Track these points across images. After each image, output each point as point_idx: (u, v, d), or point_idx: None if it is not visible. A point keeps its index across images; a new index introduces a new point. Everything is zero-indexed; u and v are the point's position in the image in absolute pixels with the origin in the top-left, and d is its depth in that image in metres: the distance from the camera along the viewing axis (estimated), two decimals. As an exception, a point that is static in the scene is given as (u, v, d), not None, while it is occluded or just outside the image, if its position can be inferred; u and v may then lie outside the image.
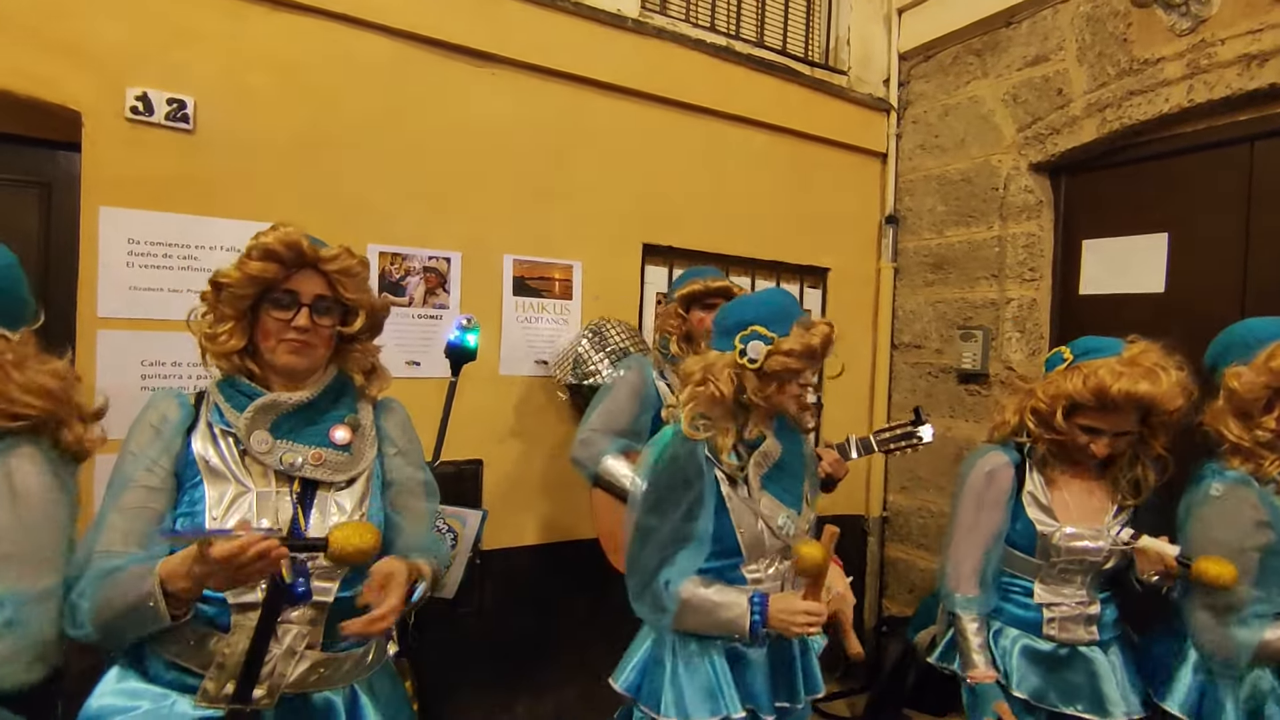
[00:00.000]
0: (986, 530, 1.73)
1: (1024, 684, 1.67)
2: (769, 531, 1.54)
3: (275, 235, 1.23)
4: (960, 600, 1.74)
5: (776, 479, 1.57)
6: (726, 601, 1.47)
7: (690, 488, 1.48)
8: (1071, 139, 2.83)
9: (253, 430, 1.22)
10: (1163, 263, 2.67)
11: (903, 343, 3.50)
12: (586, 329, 2.58)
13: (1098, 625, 1.70)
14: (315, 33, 2.26)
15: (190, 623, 1.16)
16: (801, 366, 1.47)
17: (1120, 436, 1.64)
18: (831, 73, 3.40)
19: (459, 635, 2.50)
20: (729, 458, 1.52)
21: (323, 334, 1.29)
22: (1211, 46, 2.40)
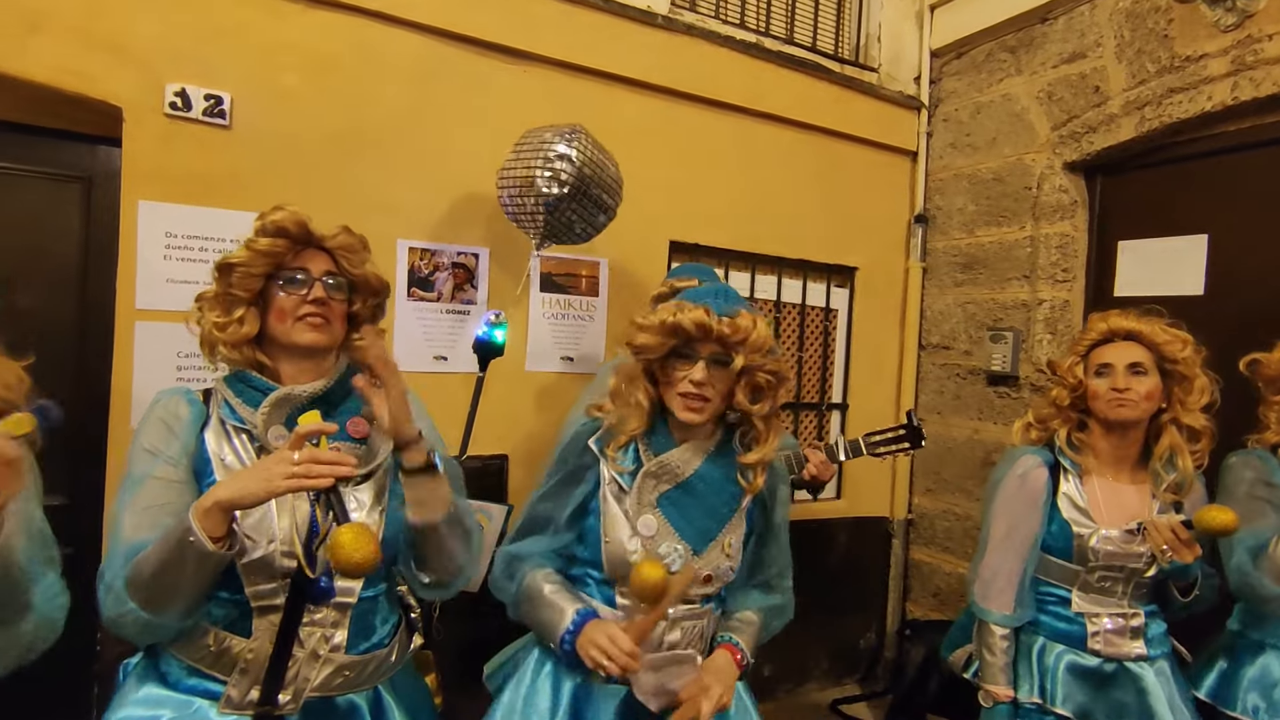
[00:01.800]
0: (1022, 538, 1.68)
1: (1068, 702, 1.63)
2: (646, 557, 1.30)
3: (283, 213, 1.24)
4: (994, 615, 1.69)
5: (679, 503, 1.34)
6: (554, 604, 1.31)
7: (568, 468, 1.39)
8: (1108, 138, 2.77)
9: (270, 425, 1.20)
10: (1202, 265, 2.61)
11: (931, 343, 3.46)
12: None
13: (1145, 640, 1.64)
14: (348, 30, 2.28)
15: (210, 628, 1.15)
16: (655, 342, 1.29)
17: (1135, 374, 1.62)
18: (862, 70, 3.37)
19: (482, 628, 2.51)
20: (619, 454, 1.35)
21: (336, 309, 1.28)
22: (1258, 42, 2.34)
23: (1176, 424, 1.63)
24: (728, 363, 1.30)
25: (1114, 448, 1.69)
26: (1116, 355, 1.65)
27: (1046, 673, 1.66)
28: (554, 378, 2.68)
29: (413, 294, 2.40)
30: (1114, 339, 1.68)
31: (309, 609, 1.18)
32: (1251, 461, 1.63)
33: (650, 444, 1.37)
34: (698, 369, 1.29)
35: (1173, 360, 1.61)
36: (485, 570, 2.10)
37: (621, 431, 1.36)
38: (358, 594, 1.22)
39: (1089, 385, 1.68)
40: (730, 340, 1.28)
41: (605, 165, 2.19)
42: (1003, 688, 1.66)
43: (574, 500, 1.38)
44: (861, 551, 3.41)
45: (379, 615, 1.29)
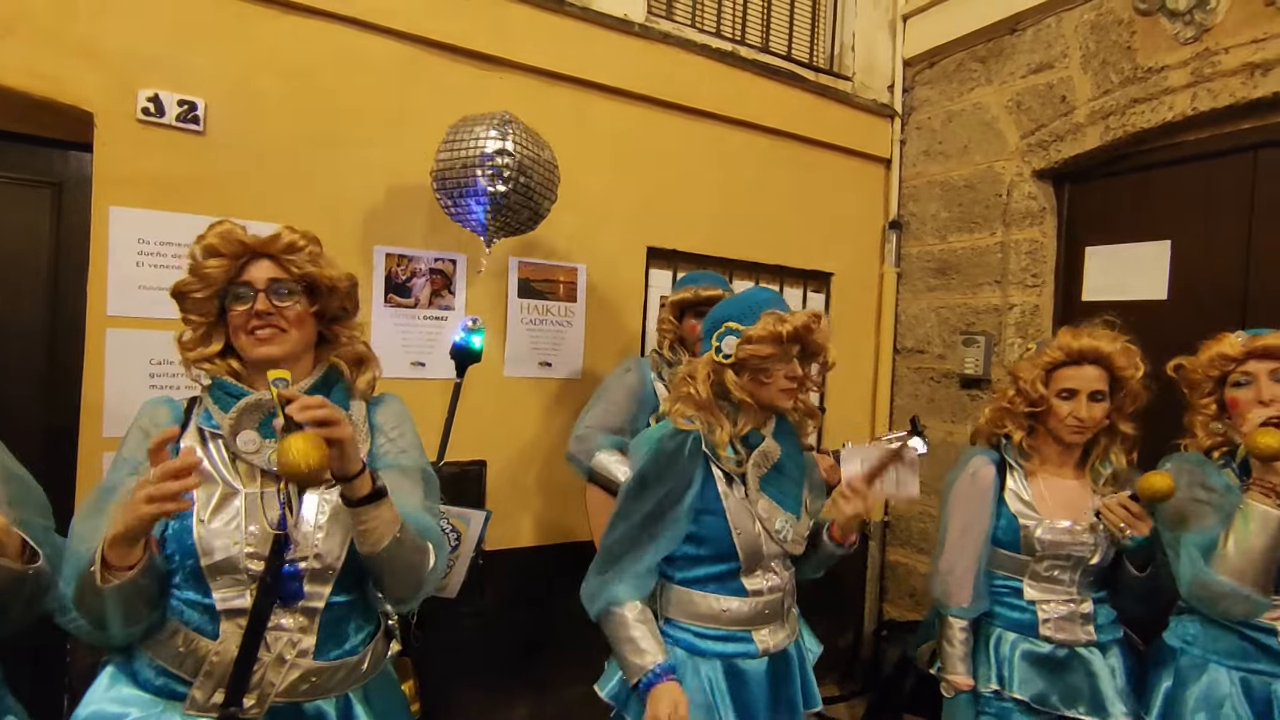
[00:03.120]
0: (976, 534, 1.77)
1: (1026, 687, 1.69)
2: (766, 536, 1.51)
3: (213, 232, 1.24)
4: (952, 609, 1.77)
5: (775, 482, 1.54)
6: (637, 647, 1.42)
7: (672, 479, 1.47)
8: (1075, 146, 2.84)
9: (239, 430, 1.20)
10: (1165, 270, 2.68)
11: (905, 348, 3.51)
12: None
13: (1094, 625, 1.72)
14: (323, 35, 2.28)
15: (180, 628, 1.15)
16: (771, 352, 1.45)
17: (1095, 400, 1.71)
18: (836, 78, 3.42)
19: (461, 635, 2.51)
20: (727, 453, 1.49)
21: (289, 316, 1.25)
22: (1215, 55, 2.41)
23: (1114, 429, 1.76)
24: (804, 357, 1.52)
25: (1059, 452, 1.80)
26: (1082, 381, 1.71)
27: (1004, 661, 1.73)
28: (532, 383, 2.69)
29: (390, 300, 2.40)
30: (1082, 361, 1.71)
31: (277, 612, 1.18)
32: (1185, 466, 1.66)
33: (744, 438, 1.53)
34: (795, 365, 1.49)
35: (1125, 378, 1.70)
36: (463, 576, 2.11)
37: (724, 434, 1.50)
38: (326, 598, 1.22)
39: (1051, 403, 1.74)
40: (819, 340, 1.50)
41: (540, 151, 2.19)
42: (962, 677, 1.74)
43: (685, 506, 1.48)
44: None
45: (352, 623, 1.28)
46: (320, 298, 1.31)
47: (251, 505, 1.19)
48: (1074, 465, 1.81)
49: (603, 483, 2.18)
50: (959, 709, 1.75)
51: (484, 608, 2.53)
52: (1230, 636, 1.60)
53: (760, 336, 1.46)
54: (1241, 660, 1.58)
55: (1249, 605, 1.52)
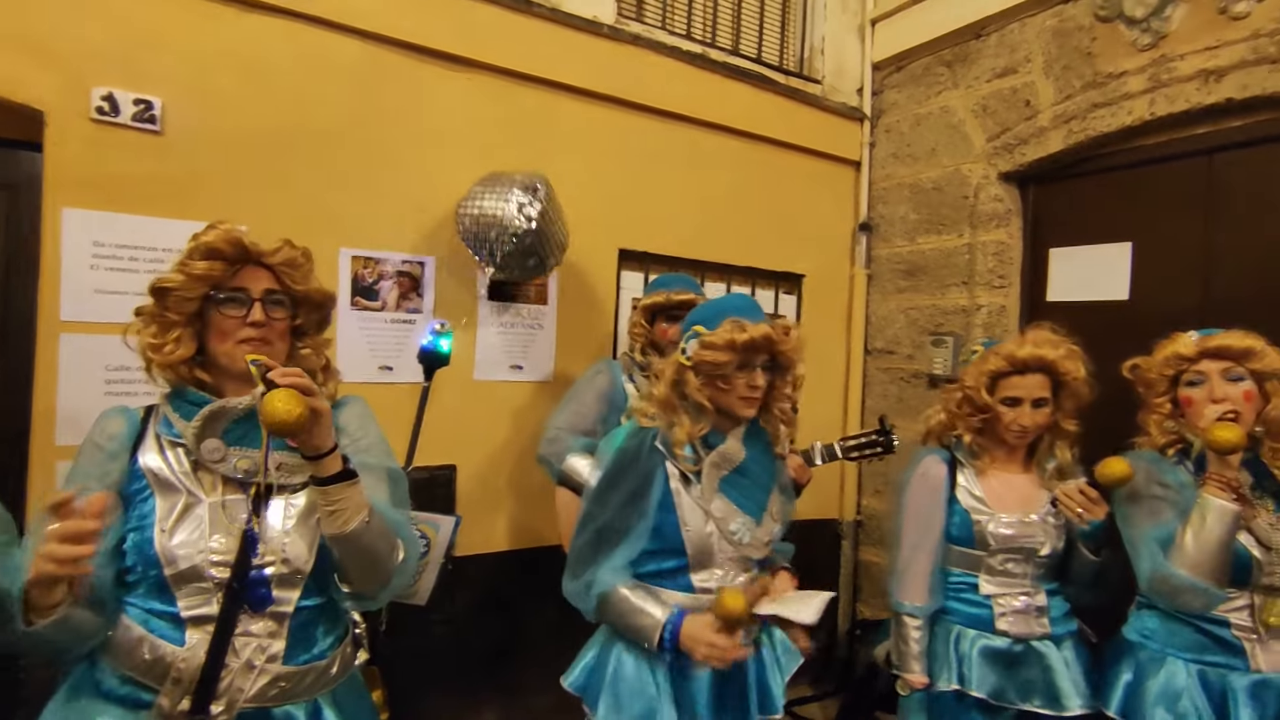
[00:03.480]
0: (930, 532, 1.80)
1: (983, 684, 1.72)
2: (720, 536, 1.50)
3: (216, 233, 1.21)
4: (906, 606, 1.80)
5: (737, 484, 1.53)
6: (644, 609, 1.45)
7: (634, 477, 1.49)
8: (1039, 149, 2.89)
9: (203, 438, 1.19)
10: (1127, 271, 2.74)
11: (876, 348, 3.54)
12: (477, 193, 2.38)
13: (1048, 619, 1.75)
14: (286, 34, 2.24)
15: (145, 636, 1.14)
16: (726, 359, 1.45)
17: (1038, 407, 1.75)
18: (806, 81, 3.44)
19: (430, 642, 2.48)
20: (685, 452, 1.49)
21: (277, 328, 1.26)
22: (1171, 62, 2.47)
23: (1058, 426, 1.80)
24: (774, 366, 1.53)
25: (1007, 450, 1.85)
26: (1026, 390, 1.74)
27: (964, 659, 1.75)
28: (504, 386, 2.66)
29: (356, 303, 2.36)
30: (1026, 370, 1.74)
31: (246, 618, 1.17)
32: (1141, 464, 1.69)
33: (704, 438, 1.52)
34: (758, 375, 1.49)
35: (1068, 381, 1.74)
36: (433, 583, 2.09)
37: (682, 433, 1.50)
38: (295, 603, 1.21)
39: (996, 410, 1.77)
40: (786, 350, 1.50)
41: (557, 220, 2.41)
42: (917, 675, 1.76)
43: (650, 502, 1.50)
44: (812, 553, 3.45)
45: (321, 626, 1.27)
46: (301, 312, 1.32)
47: (215, 514, 1.18)
48: (1021, 460, 1.85)
49: (573, 485, 2.17)
50: (914, 707, 1.78)
51: (454, 614, 2.50)
52: (1187, 630, 1.63)
53: (716, 343, 1.45)
54: (1198, 653, 1.61)
55: (1206, 598, 1.55)
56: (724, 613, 1.38)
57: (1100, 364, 1.82)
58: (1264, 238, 2.37)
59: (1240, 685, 1.56)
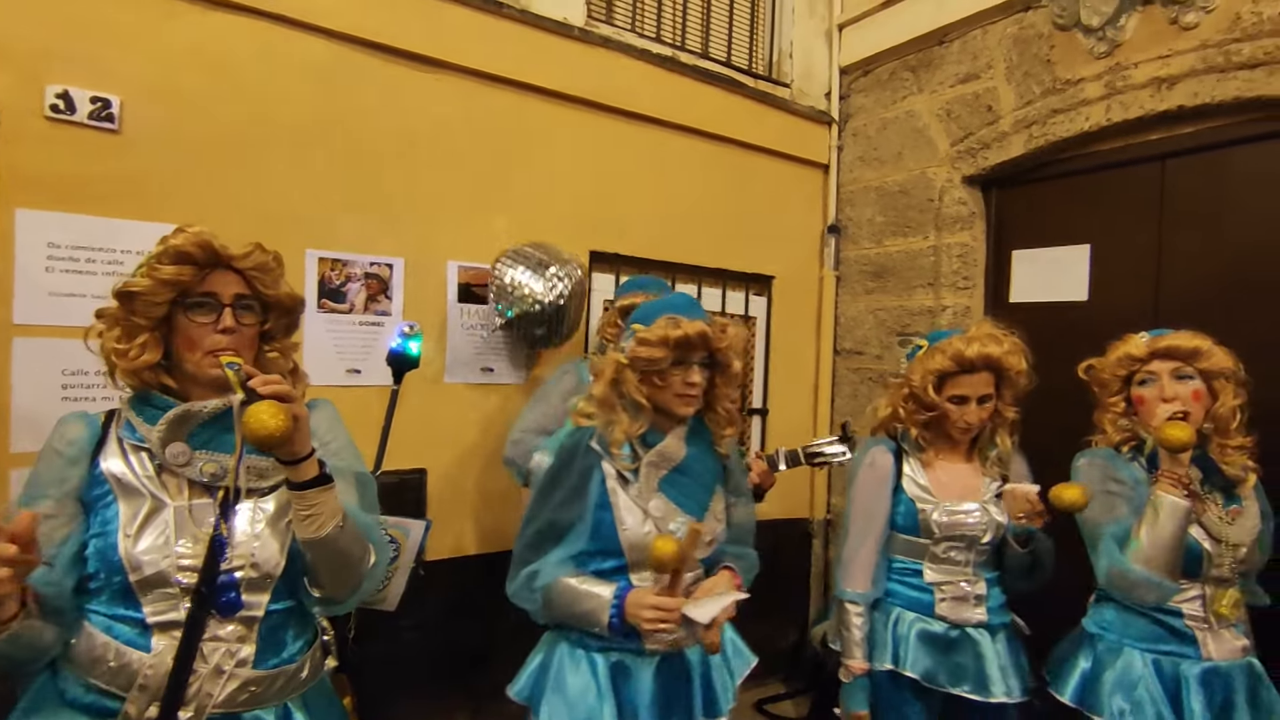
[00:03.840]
0: (875, 520, 1.85)
1: (916, 665, 1.77)
2: (659, 535, 1.47)
3: (185, 236, 1.18)
4: (849, 593, 1.85)
5: (676, 483, 1.53)
6: (589, 591, 1.44)
7: (571, 477, 1.49)
8: (1001, 154, 2.95)
9: (168, 442, 1.17)
10: (1085, 273, 2.81)
11: (845, 349, 3.59)
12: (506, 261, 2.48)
13: (985, 607, 1.81)
14: (250, 33, 2.21)
15: (110, 644, 1.12)
16: (660, 356, 1.44)
17: (983, 403, 1.80)
18: (775, 85, 3.48)
19: (400, 648, 2.45)
20: (621, 450, 1.49)
21: (247, 334, 1.24)
22: (1126, 70, 2.54)
23: (999, 416, 1.85)
24: (713, 364, 1.53)
25: (952, 443, 1.90)
26: (973, 388, 1.78)
27: (900, 640, 1.80)
28: (475, 389, 2.65)
29: (323, 305, 2.33)
30: (975, 369, 1.77)
31: (214, 623, 1.15)
32: (1097, 461, 1.76)
33: (642, 438, 1.51)
34: (694, 373, 1.48)
35: (1012, 375, 1.79)
36: (403, 588, 2.06)
37: (618, 432, 1.49)
38: (265, 607, 1.20)
39: (944, 408, 1.81)
40: (721, 346, 1.50)
41: (576, 305, 2.53)
42: (859, 662, 1.81)
43: (588, 502, 1.49)
44: (783, 552, 3.49)
45: (291, 630, 1.26)
46: (271, 317, 1.30)
47: (181, 518, 1.16)
48: (964, 450, 1.90)
49: None
50: (855, 692, 1.82)
51: (424, 619, 2.48)
52: (1142, 621, 1.69)
53: (651, 340, 1.45)
54: (1153, 643, 1.67)
55: (1161, 591, 1.60)
56: (656, 558, 1.37)
57: (1061, 363, 1.87)
58: (1212, 241, 2.46)
59: (1192, 673, 1.62)
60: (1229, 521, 1.64)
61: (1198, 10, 2.36)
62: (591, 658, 1.49)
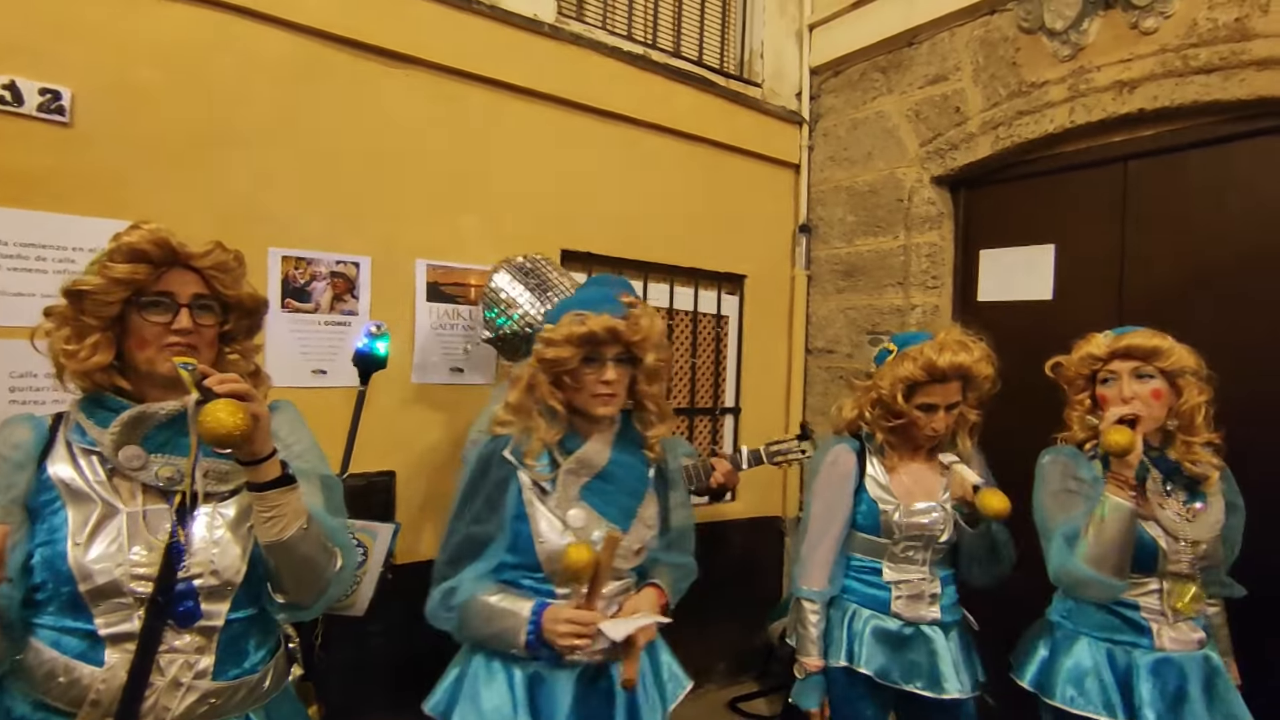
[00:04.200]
0: (836, 518, 1.86)
1: (870, 662, 1.79)
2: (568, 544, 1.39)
3: (140, 233, 1.14)
4: (805, 590, 1.85)
5: (600, 491, 1.46)
6: (505, 609, 1.37)
7: (487, 488, 1.43)
8: (969, 155, 2.99)
9: (121, 445, 1.12)
10: (1050, 272, 2.86)
11: (816, 347, 3.61)
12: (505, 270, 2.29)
13: (939, 606, 1.83)
14: (211, 26, 2.15)
15: (58, 658, 1.07)
16: (567, 355, 1.38)
17: (950, 410, 1.81)
18: (746, 84, 3.48)
19: (369, 654, 2.41)
20: (536, 460, 1.43)
21: (206, 335, 1.20)
22: (1089, 73, 2.59)
23: (961, 418, 1.86)
24: (630, 360, 1.44)
25: (914, 446, 1.91)
26: (941, 396, 1.79)
27: (855, 637, 1.82)
28: (444, 390, 2.61)
29: (287, 305, 2.27)
30: (946, 379, 1.77)
31: (171, 634, 1.11)
32: (1059, 459, 1.78)
33: (561, 444, 1.45)
34: (609, 370, 1.41)
35: (977, 381, 1.81)
36: (371, 593, 2.02)
37: (535, 440, 1.43)
38: (225, 616, 1.16)
39: (912, 416, 1.81)
40: (635, 340, 1.42)
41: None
42: (814, 659, 1.83)
43: (505, 514, 1.43)
44: (756, 551, 3.51)
45: (253, 639, 1.22)
46: (232, 318, 1.25)
47: (134, 524, 1.12)
48: (926, 451, 1.91)
49: None
50: (809, 689, 1.84)
51: (393, 625, 2.43)
52: (1099, 612, 1.73)
53: (555, 339, 1.39)
54: (1108, 632, 1.71)
55: (1105, 590, 1.63)
56: (567, 567, 1.30)
57: (1027, 360, 1.90)
58: (1172, 241, 2.51)
59: (1143, 662, 1.66)
60: (1189, 518, 1.67)
61: (1157, 15, 2.42)
62: (509, 669, 1.42)
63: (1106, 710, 1.64)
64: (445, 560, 1.47)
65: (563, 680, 1.40)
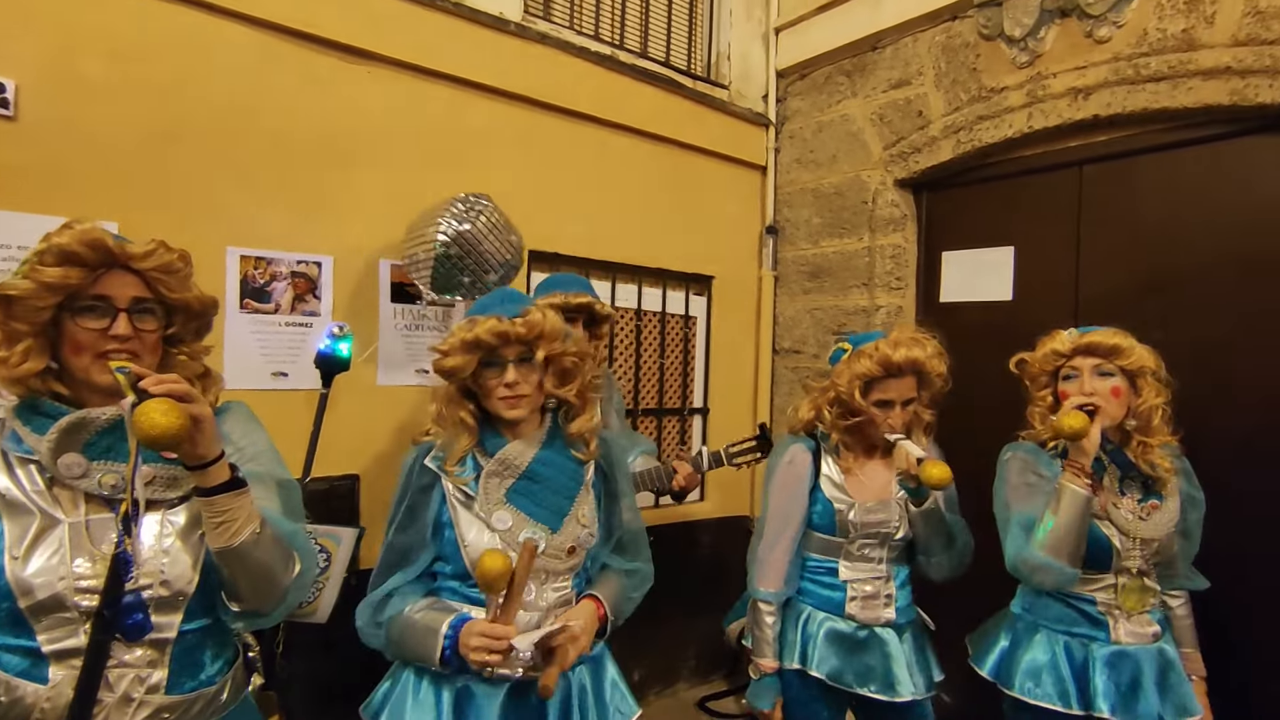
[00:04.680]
0: (792, 519, 1.87)
1: (823, 665, 1.81)
2: (507, 549, 1.37)
3: (72, 234, 1.07)
4: (762, 592, 1.86)
5: (527, 491, 1.44)
6: (426, 626, 1.34)
7: (409, 497, 1.43)
8: (931, 158, 3.04)
9: (60, 453, 1.07)
10: (1010, 274, 2.92)
11: (783, 348, 3.64)
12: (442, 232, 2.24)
13: (895, 607, 1.84)
14: (165, 18, 2.09)
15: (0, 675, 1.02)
16: (460, 363, 1.38)
17: (906, 407, 1.83)
18: (713, 86, 3.50)
19: (333, 662, 2.36)
20: (458, 466, 1.43)
21: (148, 341, 1.14)
22: (1045, 79, 2.66)
23: (916, 418, 1.88)
24: (531, 359, 1.42)
25: (869, 445, 1.93)
26: (897, 392, 1.80)
27: (809, 640, 1.83)
28: (409, 391, 2.57)
29: (246, 305, 2.22)
30: (901, 374, 1.79)
31: (120, 648, 1.07)
32: (1020, 455, 1.82)
33: (485, 449, 1.45)
34: (509, 372, 1.41)
35: (932, 378, 1.83)
36: (334, 599, 1.99)
37: (457, 449, 1.43)
38: (178, 627, 1.12)
39: (869, 413, 1.83)
40: (528, 338, 1.40)
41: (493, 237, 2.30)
42: (769, 660, 1.84)
43: (428, 522, 1.43)
44: (724, 550, 3.52)
45: (208, 650, 1.18)
46: (177, 321, 1.19)
47: (77, 535, 1.07)
48: (881, 449, 1.92)
49: None
50: (763, 690, 1.84)
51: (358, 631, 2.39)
52: (1058, 605, 1.78)
53: (448, 348, 1.40)
54: (1067, 625, 1.76)
55: (1059, 577, 1.65)
56: (480, 574, 1.26)
57: (988, 360, 1.93)
58: (1125, 243, 2.59)
59: (1100, 655, 1.70)
60: (1143, 517, 1.72)
61: (1110, 25, 2.48)
62: (437, 687, 1.39)
63: (1062, 700, 1.68)
64: (376, 571, 1.46)
65: (490, 696, 1.37)
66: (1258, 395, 2.26)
